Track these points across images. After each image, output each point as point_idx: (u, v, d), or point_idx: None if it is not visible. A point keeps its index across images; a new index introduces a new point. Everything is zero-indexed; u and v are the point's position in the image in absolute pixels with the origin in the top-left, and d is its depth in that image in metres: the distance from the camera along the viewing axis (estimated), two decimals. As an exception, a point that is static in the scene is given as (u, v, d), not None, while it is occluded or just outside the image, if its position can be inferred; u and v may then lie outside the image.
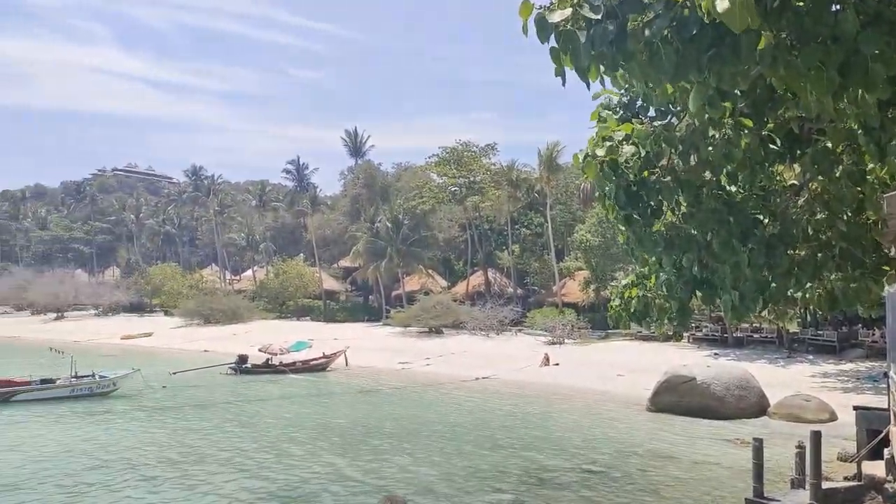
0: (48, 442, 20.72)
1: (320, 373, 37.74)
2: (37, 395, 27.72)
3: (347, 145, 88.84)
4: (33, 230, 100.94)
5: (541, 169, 56.60)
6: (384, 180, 72.51)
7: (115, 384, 29.69)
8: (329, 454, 19.44)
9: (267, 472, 17.54)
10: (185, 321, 61.88)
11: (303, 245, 79.52)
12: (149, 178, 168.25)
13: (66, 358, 30.18)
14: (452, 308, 51.33)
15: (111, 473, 17.19)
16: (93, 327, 63.20)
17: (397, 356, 41.83)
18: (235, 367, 36.51)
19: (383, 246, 58.50)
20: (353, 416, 25.62)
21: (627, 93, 7.31)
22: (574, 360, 37.93)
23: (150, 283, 72.43)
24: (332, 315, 62.66)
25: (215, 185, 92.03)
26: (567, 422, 24.61)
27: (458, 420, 24.98)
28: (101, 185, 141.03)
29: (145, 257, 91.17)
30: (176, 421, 24.56)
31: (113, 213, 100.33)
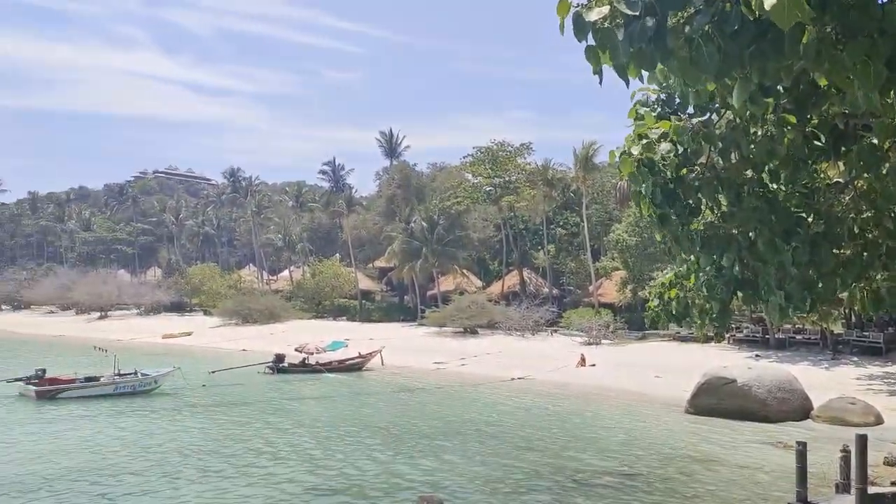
0: (93, 437, 21.19)
1: (356, 372, 37.99)
2: (82, 393, 28.38)
3: (382, 146, 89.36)
4: (77, 231, 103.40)
5: (576, 168, 56.16)
6: (419, 180, 72.68)
7: (157, 382, 30.26)
8: (365, 453, 19.55)
9: (303, 470, 17.71)
10: (223, 321, 62.80)
11: (339, 245, 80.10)
12: (188, 179, 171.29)
13: (109, 356, 30.83)
14: (487, 308, 51.23)
15: (153, 468, 17.52)
16: (135, 326, 64.51)
17: (433, 356, 41.90)
18: (273, 367, 36.92)
19: (418, 246, 58.65)
20: (389, 415, 25.73)
21: (666, 90, 7.20)
22: (611, 361, 37.57)
23: (189, 283, 73.61)
24: (367, 315, 63.03)
25: (253, 187, 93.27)
26: (604, 423, 24.39)
27: (493, 420, 24.93)
28: (142, 187, 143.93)
29: (185, 258, 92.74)
30: (215, 419, 24.95)
31: (154, 214, 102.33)
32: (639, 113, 6.95)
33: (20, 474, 16.85)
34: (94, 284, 75.64)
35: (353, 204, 74.31)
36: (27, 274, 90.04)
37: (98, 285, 75.33)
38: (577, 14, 4.51)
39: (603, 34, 4.50)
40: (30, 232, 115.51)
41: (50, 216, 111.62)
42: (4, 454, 18.84)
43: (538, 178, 59.14)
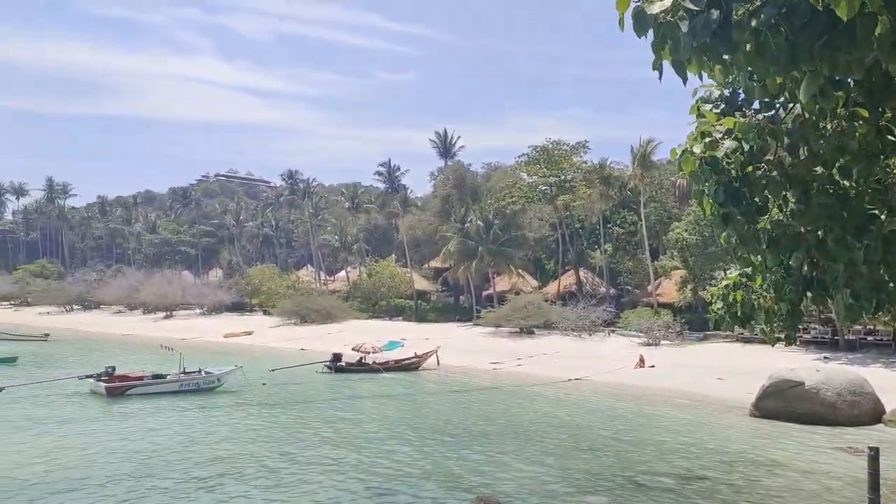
0: (161, 433, 21.85)
1: (412, 372, 38.22)
2: (149, 390, 29.31)
3: (437, 146, 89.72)
4: (144, 234, 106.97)
5: (634, 166, 55.27)
6: (474, 181, 72.67)
7: (220, 380, 31.02)
8: (421, 453, 19.64)
9: (361, 468, 17.89)
10: (282, 320, 64.01)
11: (394, 246, 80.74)
12: (248, 182, 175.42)
13: (174, 354, 31.81)
14: (543, 308, 50.87)
15: (217, 465, 17.95)
16: (198, 326, 66.36)
17: (488, 356, 41.84)
18: (330, 366, 37.44)
19: (474, 246, 58.64)
20: (446, 415, 25.79)
21: (729, 85, 7.00)
22: (671, 363, 36.84)
23: (249, 283, 75.22)
24: (423, 315, 63.36)
25: (310, 189, 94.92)
26: (664, 425, 23.92)
27: (550, 421, 24.73)
28: (204, 190, 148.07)
29: (245, 258, 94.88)
30: (276, 416, 25.45)
31: (216, 216, 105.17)
32: (701, 110, 6.78)
33: (92, 469, 17.49)
34: (159, 285, 78.05)
35: (408, 204, 74.81)
36: (97, 275, 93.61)
37: (163, 286, 77.70)
38: (638, 8, 4.42)
39: (665, 28, 4.40)
40: (99, 234, 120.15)
41: (118, 219, 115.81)
42: (78, 449, 19.59)
43: (594, 176, 58.42)
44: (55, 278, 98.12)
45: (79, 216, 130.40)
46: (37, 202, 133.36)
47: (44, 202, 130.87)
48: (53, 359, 43.54)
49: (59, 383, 30.15)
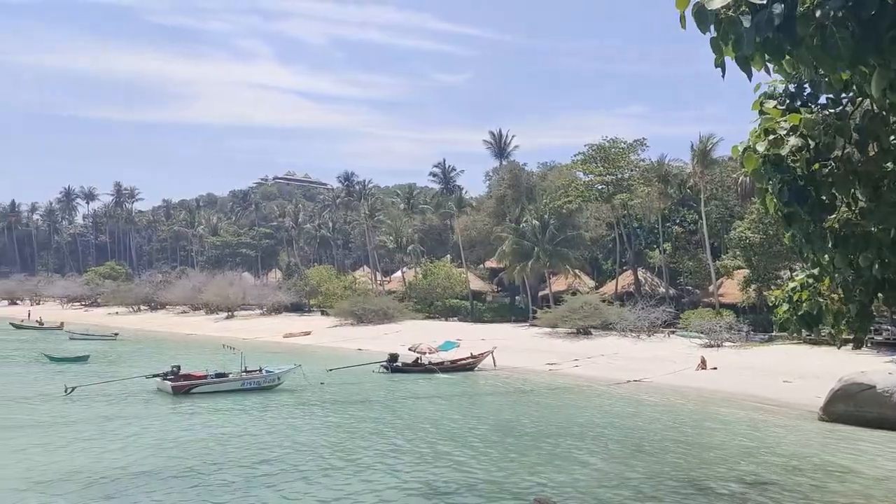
0: (224, 430, 22.42)
1: (468, 373, 38.24)
2: (212, 388, 30.09)
3: (492, 146, 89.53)
4: (206, 236, 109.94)
5: (694, 163, 54.08)
6: (529, 180, 72.26)
7: (280, 379, 31.63)
8: (478, 454, 19.63)
9: (417, 468, 18.00)
10: (340, 321, 64.87)
11: (449, 246, 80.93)
12: (306, 184, 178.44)
13: (236, 354, 32.56)
14: (601, 309, 50.21)
15: (277, 462, 18.32)
16: (258, 326, 67.81)
17: (545, 357, 41.53)
18: (387, 366, 37.74)
19: (529, 246, 58.30)
20: (502, 416, 25.72)
21: (794, 80, 6.79)
22: (734, 365, 35.89)
23: (308, 284, 76.48)
24: (478, 315, 63.32)
25: (366, 190, 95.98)
26: (727, 428, 23.34)
27: (608, 423, 24.40)
28: (263, 193, 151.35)
29: (303, 260, 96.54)
30: (333, 415, 25.82)
31: (274, 218, 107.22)
32: (764, 106, 6.60)
33: (160, 464, 18.08)
34: (221, 286, 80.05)
35: (463, 205, 74.87)
36: (162, 276, 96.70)
37: (225, 287, 79.65)
38: (699, 5, 4.33)
39: (727, 24, 4.30)
40: (164, 237, 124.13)
41: (182, 222, 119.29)
42: (147, 445, 20.27)
43: (653, 174, 57.39)
44: (123, 280, 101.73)
45: (145, 219, 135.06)
46: (106, 206, 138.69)
47: (112, 206, 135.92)
48: (123, 357, 45.14)
49: (128, 382, 31.27)
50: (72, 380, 30.57)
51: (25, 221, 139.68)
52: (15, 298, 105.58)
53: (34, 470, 17.12)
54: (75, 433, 21.68)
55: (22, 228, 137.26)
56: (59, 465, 17.59)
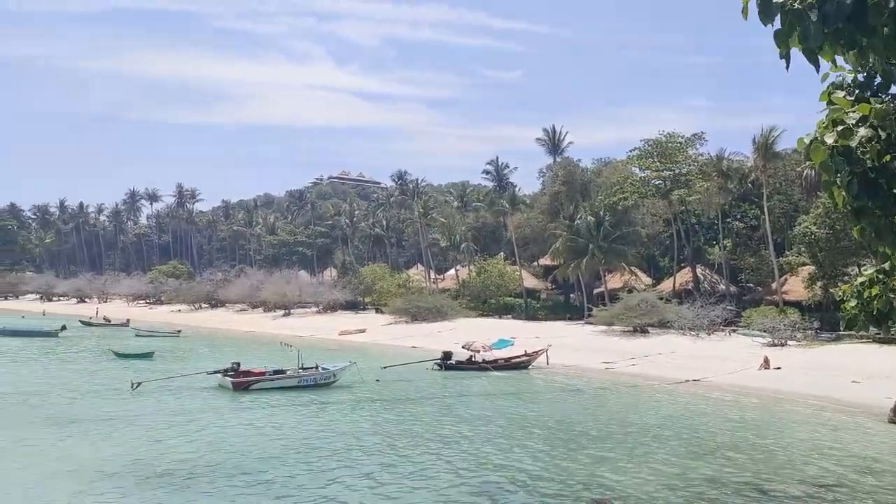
0: (283, 426, 22.83)
1: (522, 371, 38.05)
2: (270, 384, 30.67)
3: (545, 143, 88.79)
4: (264, 235, 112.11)
5: (755, 156, 52.54)
6: (583, 176, 71.40)
7: (335, 376, 32.04)
8: (532, 453, 19.50)
9: (471, 467, 17.98)
10: (394, 318, 65.32)
11: (503, 244, 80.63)
12: (360, 184, 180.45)
13: (293, 351, 33.13)
14: (658, 306, 49.27)
15: (334, 458, 18.55)
16: (314, 323, 68.85)
17: (600, 355, 41.02)
18: (440, 363, 37.84)
19: (584, 243, 57.63)
20: (556, 415, 25.50)
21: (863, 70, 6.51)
22: (798, 364, 34.78)
23: (362, 282, 77.22)
24: (532, 313, 62.94)
25: (419, 189, 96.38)
26: (792, 431, 22.63)
27: (667, 424, 23.94)
28: (319, 193, 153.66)
29: (358, 258, 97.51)
30: (388, 412, 26.00)
31: (329, 217, 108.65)
32: (832, 97, 6.34)
33: (221, 457, 18.51)
34: (278, 284, 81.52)
35: (516, 202, 74.49)
36: (222, 275, 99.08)
37: (282, 285, 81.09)
38: (763, -4, 4.18)
39: (793, 16, 4.13)
40: (224, 236, 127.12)
41: (240, 222, 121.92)
42: (208, 440, 20.79)
43: (712, 169, 55.99)
44: (185, 278, 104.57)
45: (205, 220, 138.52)
46: (168, 207, 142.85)
47: (174, 207, 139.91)
48: (185, 354, 46.44)
49: (191, 378, 32.16)
50: (138, 375, 31.60)
51: (93, 222, 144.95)
52: (84, 297, 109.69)
53: (101, 462, 17.73)
54: (140, 427, 22.37)
55: (90, 229, 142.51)
56: (123, 458, 18.18)
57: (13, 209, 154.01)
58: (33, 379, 33.02)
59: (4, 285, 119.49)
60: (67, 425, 22.25)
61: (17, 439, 20.20)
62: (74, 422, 22.84)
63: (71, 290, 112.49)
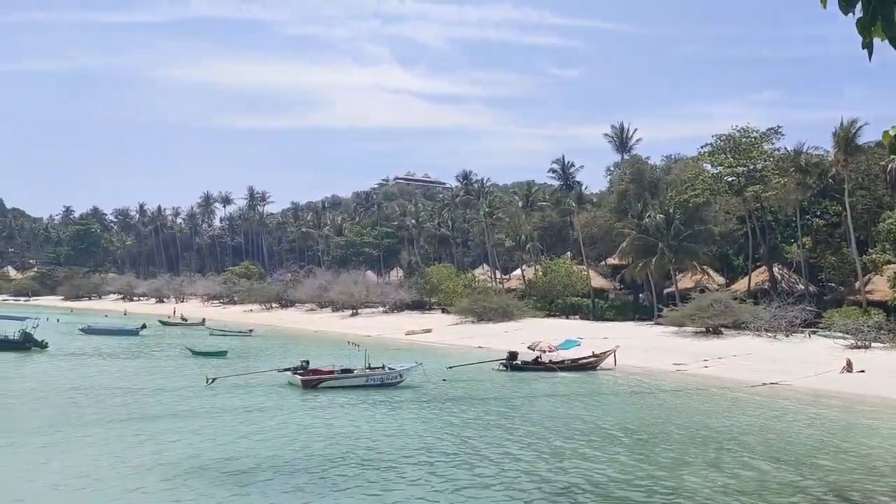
0: (351, 425, 23.06)
1: (589, 372, 37.46)
2: (338, 383, 31.07)
3: (613, 141, 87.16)
4: (332, 236, 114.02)
5: (835, 151, 50.23)
6: (652, 174, 69.77)
7: (402, 376, 32.21)
8: (601, 456, 19.11)
9: (538, 468, 17.74)
10: (460, 318, 65.31)
11: (569, 243, 79.63)
12: (425, 184, 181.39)
13: (360, 350, 33.54)
14: (732, 307, 47.65)
15: (401, 457, 18.60)
16: (381, 323, 69.54)
17: (671, 357, 39.97)
18: (506, 364, 37.61)
19: (653, 242, 56.31)
20: (625, 418, 24.95)
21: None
22: (884, 367, 33.03)
23: (428, 282, 77.53)
24: (600, 313, 61.90)
25: (484, 188, 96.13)
26: (878, 437, 21.49)
27: (743, 428, 23.10)
28: (385, 194, 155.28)
29: (424, 258, 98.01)
30: (455, 412, 25.96)
31: (395, 218, 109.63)
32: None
33: (289, 455, 18.82)
34: (346, 284, 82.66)
35: (583, 201, 73.42)
36: (291, 275, 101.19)
37: (349, 285, 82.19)
38: (844, -19, 3.87)
39: (876, 4, 3.81)
40: (293, 238, 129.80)
41: (309, 223, 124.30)
42: (278, 436, 21.18)
43: (789, 164, 53.82)
44: (256, 279, 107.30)
45: (275, 221, 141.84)
46: (240, 210, 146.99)
47: (246, 209, 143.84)
48: (257, 352, 47.61)
49: (262, 375, 32.94)
50: (212, 372, 32.54)
51: (170, 225, 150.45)
52: (162, 296, 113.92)
53: (178, 457, 18.28)
54: (215, 423, 22.98)
55: (167, 231, 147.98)
56: (200, 454, 18.70)
57: (96, 213, 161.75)
58: (117, 376, 34.41)
59: (89, 286, 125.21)
60: (148, 421, 23.06)
61: (103, 435, 21.05)
62: (154, 418, 23.65)
63: (150, 291, 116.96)
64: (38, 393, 28.23)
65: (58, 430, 21.29)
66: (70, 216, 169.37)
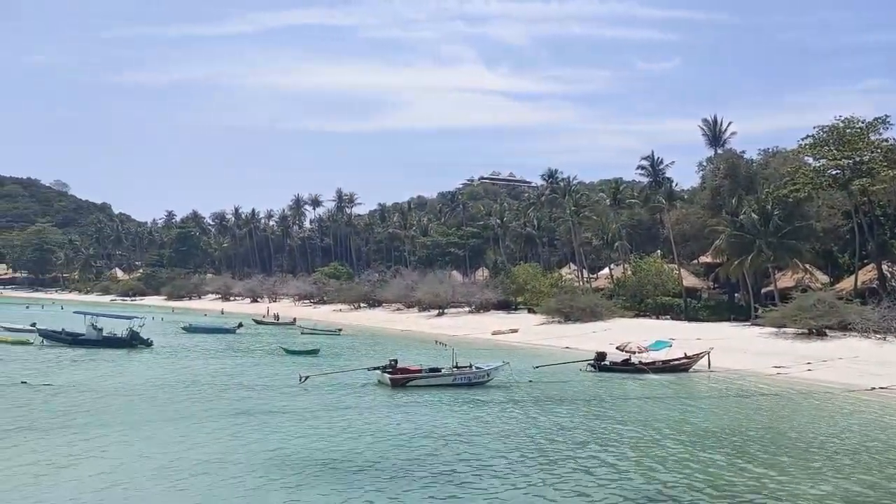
0: (440, 424, 23.11)
1: (682, 374, 36.26)
2: (426, 382, 31.24)
3: (705, 135, 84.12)
4: (418, 237, 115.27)
5: (952, 139, 46.70)
6: (748, 169, 66.86)
7: (489, 375, 32.09)
8: (691, 461, 18.40)
9: (627, 473, 17.24)
10: (546, 318, 64.60)
11: (660, 241, 77.46)
12: (510, 183, 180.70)
13: (447, 350, 33.61)
14: (837, 307, 45.00)
15: (490, 456, 18.49)
16: (467, 323, 69.66)
17: (770, 359, 38.17)
18: (594, 364, 36.89)
19: (750, 240, 53.95)
20: (723, 421, 23.97)
21: None
22: None
23: (514, 282, 77.10)
24: (693, 314, 59.82)
25: (570, 187, 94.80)
26: None
27: (852, 435, 21.77)
28: (470, 194, 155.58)
29: (509, 258, 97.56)
30: (542, 413, 25.60)
31: (480, 218, 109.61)
32: None
33: (385, 453, 19.02)
34: (432, 284, 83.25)
35: (673, 198, 71.20)
36: (379, 276, 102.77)
37: (435, 285, 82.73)
38: None
39: None
40: (380, 238, 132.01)
41: (395, 224, 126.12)
42: (368, 434, 21.45)
43: (900, 155, 50.38)
44: (345, 279, 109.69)
45: (363, 223, 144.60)
46: (329, 211, 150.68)
47: (334, 211, 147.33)
48: (346, 351, 48.58)
49: (353, 373, 33.53)
50: (305, 370, 33.36)
51: (263, 227, 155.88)
52: (256, 296, 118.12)
53: (273, 452, 18.82)
54: (309, 419, 23.51)
55: (260, 234, 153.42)
56: (295, 449, 19.18)
57: (195, 217, 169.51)
58: (218, 372, 35.83)
59: (189, 286, 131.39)
60: (243, 416, 23.85)
61: (201, 428, 21.93)
62: (249, 413, 24.44)
63: (245, 291, 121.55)
64: (145, 388, 29.71)
65: (170, 423, 22.38)
66: (172, 220, 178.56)
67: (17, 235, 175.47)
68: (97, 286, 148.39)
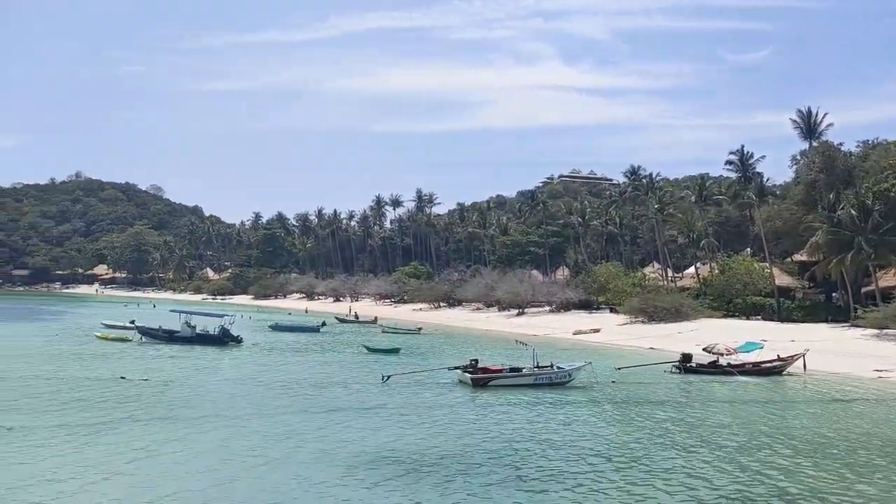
0: (521, 424, 23.02)
1: (774, 377, 34.79)
2: (507, 382, 31.14)
3: (798, 127, 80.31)
4: (497, 236, 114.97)
5: None
6: (846, 162, 63.45)
7: (571, 375, 31.71)
8: (784, 469, 17.62)
9: (714, 479, 16.65)
10: (629, 318, 63.27)
11: (749, 239, 74.57)
12: (591, 181, 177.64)
13: (528, 350, 33.37)
14: (944, 307, 42.25)
15: (570, 458, 18.29)
16: (548, 322, 68.94)
17: (871, 362, 36.14)
18: (679, 366, 35.89)
19: (848, 237, 51.23)
20: (819, 428, 22.85)
21: None
22: None
23: (595, 281, 75.85)
24: (786, 314, 57.29)
25: (654, 183, 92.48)
26: None
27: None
28: (550, 192, 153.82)
29: (590, 256, 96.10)
30: (625, 415, 25.18)
31: (560, 216, 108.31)
32: None
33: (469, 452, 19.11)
34: (511, 284, 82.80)
35: (764, 194, 68.37)
36: (458, 275, 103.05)
37: (515, 284, 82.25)
38: None
39: None
40: (459, 238, 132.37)
41: (474, 223, 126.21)
42: (449, 433, 21.58)
43: None
44: (425, 278, 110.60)
45: (442, 222, 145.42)
46: (409, 211, 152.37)
47: (414, 211, 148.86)
48: (427, 350, 48.95)
49: (434, 372, 33.78)
50: (387, 369, 33.84)
51: (345, 227, 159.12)
52: (339, 296, 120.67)
53: (359, 450, 19.22)
54: (393, 418, 23.88)
55: (342, 234, 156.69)
56: (379, 447, 19.52)
57: (280, 218, 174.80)
58: (304, 370, 36.85)
59: (275, 286, 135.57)
60: (329, 413, 24.44)
61: (287, 424, 22.63)
62: (335, 410, 25.03)
63: (328, 290, 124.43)
64: (241, 384, 30.91)
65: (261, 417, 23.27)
66: (259, 221, 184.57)
67: (116, 238, 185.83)
68: (190, 286, 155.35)
